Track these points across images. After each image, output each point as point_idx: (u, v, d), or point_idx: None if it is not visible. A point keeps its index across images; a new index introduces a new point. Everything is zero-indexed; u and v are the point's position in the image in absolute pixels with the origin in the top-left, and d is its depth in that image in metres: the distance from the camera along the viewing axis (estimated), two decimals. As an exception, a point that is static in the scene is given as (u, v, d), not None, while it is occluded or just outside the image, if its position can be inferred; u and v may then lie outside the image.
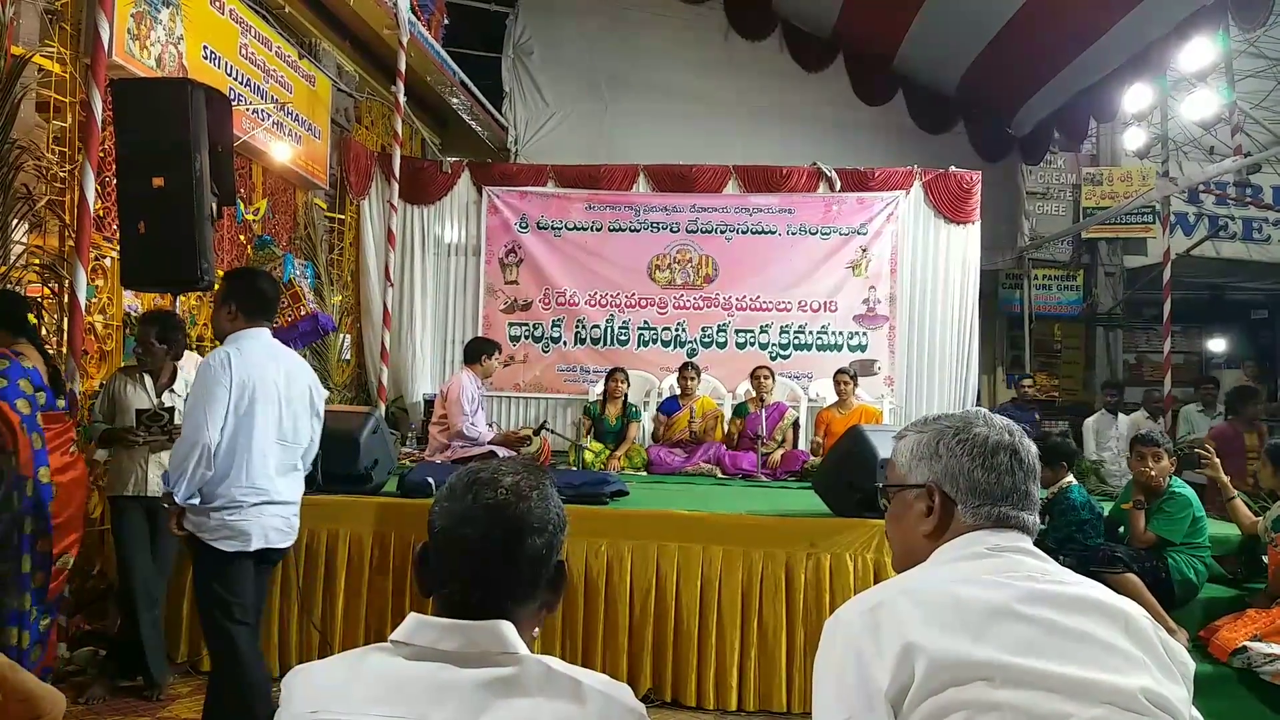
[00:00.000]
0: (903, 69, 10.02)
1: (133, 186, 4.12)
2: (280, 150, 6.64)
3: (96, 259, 4.87)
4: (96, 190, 4.20)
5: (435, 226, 8.70)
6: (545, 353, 8.55)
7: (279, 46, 6.71)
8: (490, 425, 6.37)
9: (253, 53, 6.34)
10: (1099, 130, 10.71)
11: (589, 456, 6.52)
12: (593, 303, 8.52)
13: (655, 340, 8.49)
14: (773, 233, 8.43)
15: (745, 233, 8.47)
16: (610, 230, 8.54)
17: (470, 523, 1.18)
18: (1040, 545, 1.34)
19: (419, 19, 7.70)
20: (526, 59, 10.24)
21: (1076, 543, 4.13)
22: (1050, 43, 8.32)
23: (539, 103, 10.24)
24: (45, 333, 4.61)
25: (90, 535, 4.69)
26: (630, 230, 8.54)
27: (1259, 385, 7.96)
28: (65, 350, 4.20)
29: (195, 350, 5.19)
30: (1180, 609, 3.97)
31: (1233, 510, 4.34)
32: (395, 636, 1.14)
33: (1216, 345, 12.25)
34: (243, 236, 6.49)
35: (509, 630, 1.13)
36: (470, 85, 9.08)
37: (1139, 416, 7.83)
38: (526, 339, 8.57)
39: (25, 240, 4.44)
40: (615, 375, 7.09)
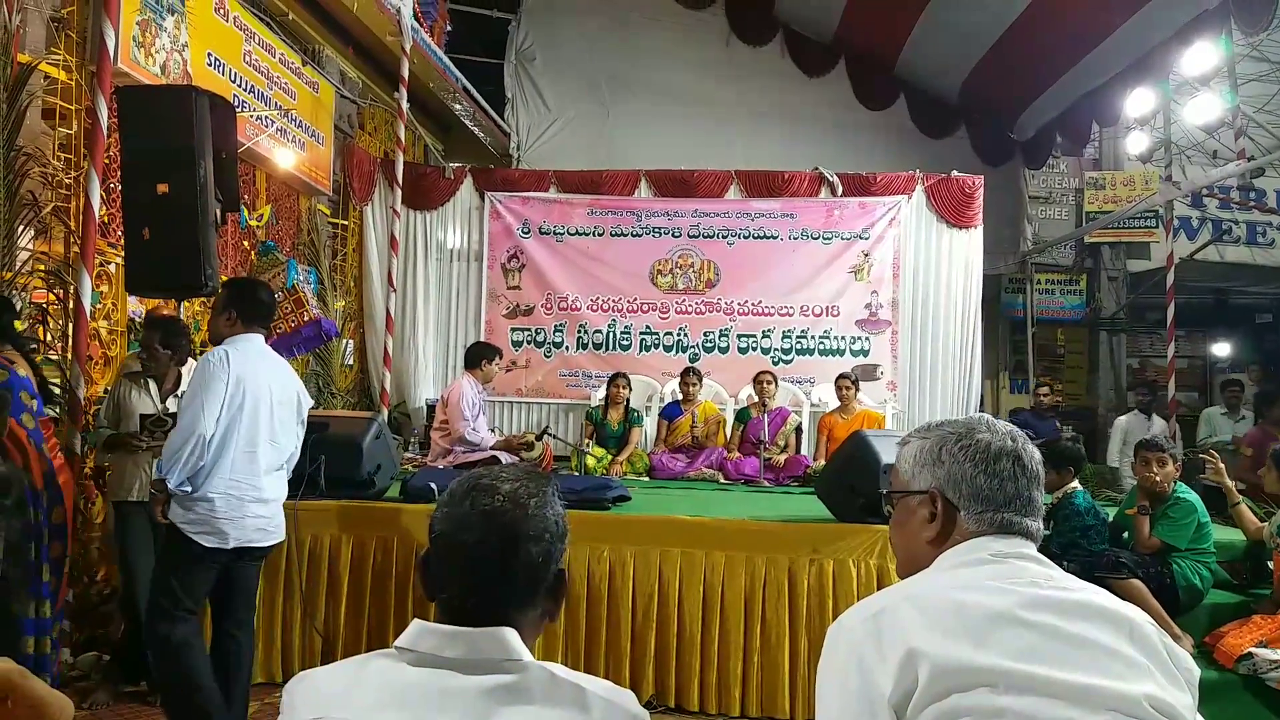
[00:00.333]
0: (904, 73, 10.03)
1: (137, 193, 4.13)
2: (284, 156, 6.65)
3: (101, 265, 4.89)
4: (101, 196, 4.21)
5: (438, 232, 8.72)
6: (547, 358, 8.56)
7: (283, 53, 6.73)
8: (493, 430, 6.37)
9: (257, 60, 6.36)
10: (1101, 134, 10.70)
11: (591, 462, 6.51)
12: (595, 308, 8.53)
13: (657, 345, 8.49)
14: (774, 237, 8.43)
15: (747, 237, 8.47)
16: (612, 235, 8.55)
17: (467, 529, 1.18)
18: (1044, 551, 1.34)
19: (422, 25, 7.72)
20: (529, 65, 10.26)
21: (1081, 548, 4.12)
22: (1052, 47, 8.32)
23: (541, 108, 10.25)
24: (50, 339, 4.63)
25: (94, 540, 4.71)
26: (632, 235, 8.54)
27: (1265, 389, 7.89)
28: (70, 356, 4.21)
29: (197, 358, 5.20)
30: (1185, 615, 3.96)
31: (1238, 516, 4.33)
32: (399, 643, 1.14)
33: (1220, 350, 12.23)
34: (247, 242, 6.51)
35: (513, 637, 1.13)
36: (473, 91, 9.09)
37: (1215, 411, 7.69)
38: (529, 344, 8.57)
39: (31, 246, 4.45)
40: (617, 381, 7.09)
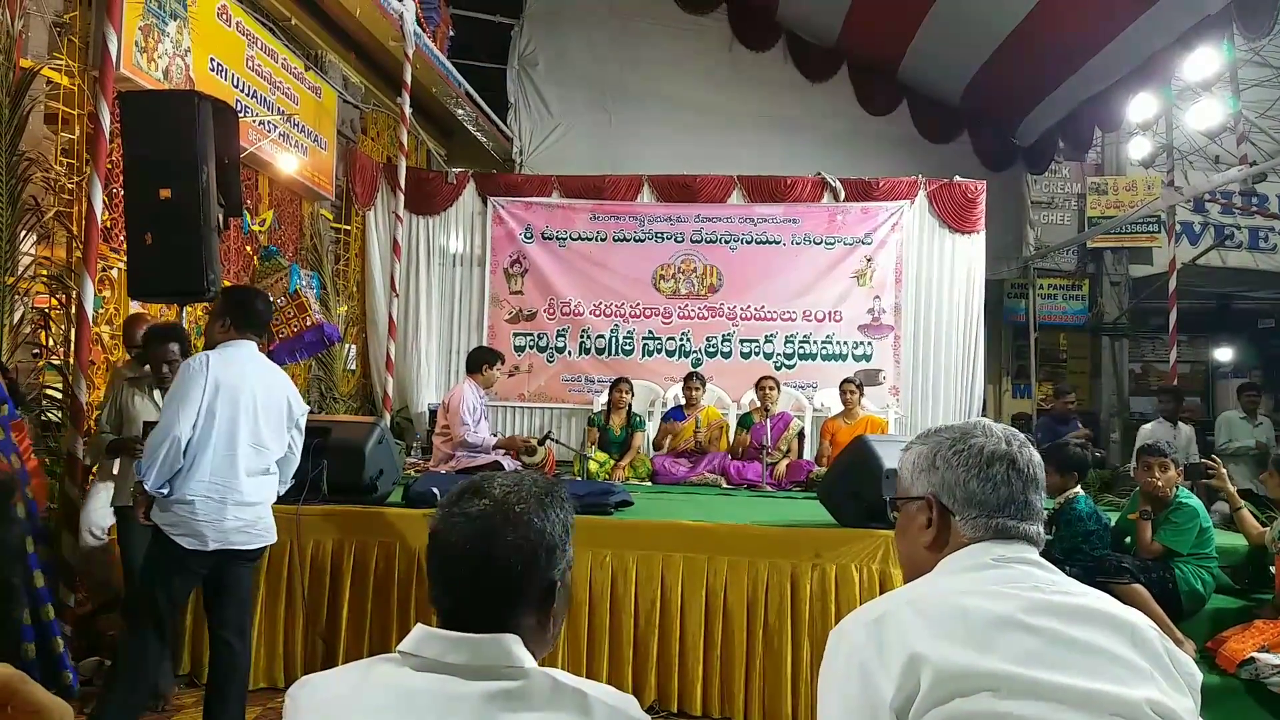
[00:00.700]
0: (907, 79, 10.04)
1: (140, 198, 4.14)
2: (286, 161, 6.67)
3: (104, 270, 4.90)
4: (104, 201, 4.22)
5: (440, 237, 8.73)
6: (550, 363, 8.56)
7: (285, 59, 6.75)
8: (494, 434, 6.37)
9: (259, 65, 6.38)
10: (1104, 139, 10.71)
11: (593, 466, 6.51)
12: (597, 313, 8.53)
13: (660, 350, 8.49)
14: (777, 243, 8.44)
15: (750, 242, 8.48)
16: (615, 240, 8.56)
17: (451, 530, 1.19)
18: (1046, 556, 1.33)
19: (424, 31, 7.74)
20: (531, 70, 10.27)
21: (1083, 553, 4.11)
22: (1054, 52, 8.32)
23: (544, 113, 10.27)
24: (52, 343, 4.63)
25: (97, 545, 4.70)
26: (635, 240, 8.55)
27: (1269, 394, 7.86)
28: (72, 361, 4.21)
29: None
30: (1187, 620, 3.95)
31: (1240, 521, 4.32)
32: (403, 648, 1.14)
33: (1223, 354, 12.21)
34: (249, 247, 6.52)
35: (515, 644, 1.13)
36: (475, 96, 9.11)
37: (1233, 415, 7.56)
38: (531, 349, 8.57)
39: (33, 251, 4.46)
40: (619, 386, 7.09)
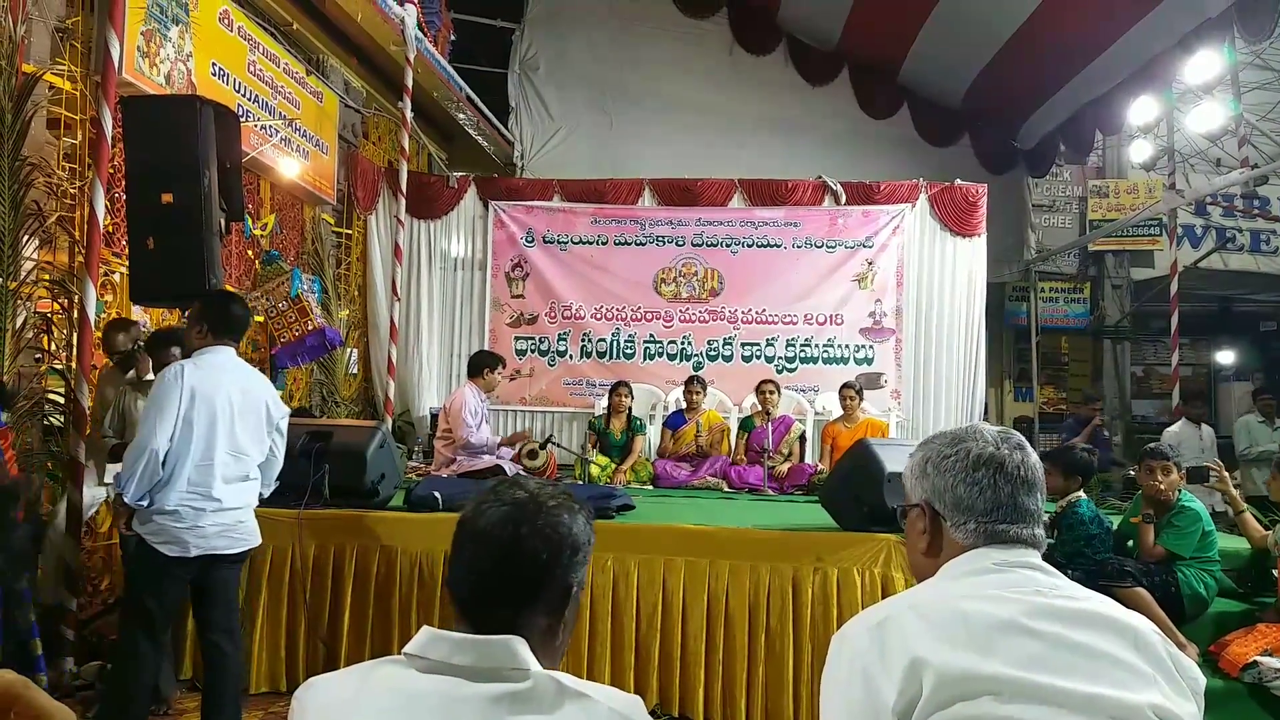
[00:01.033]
0: (908, 82, 10.04)
1: (142, 202, 4.15)
2: (288, 166, 6.67)
3: (106, 274, 4.91)
4: (106, 206, 4.22)
5: (442, 241, 8.74)
6: (551, 366, 8.56)
7: (287, 63, 6.76)
8: (496, 437, 6.37)
9: (261, 69, 6.39)
10: (1105, 143, 10.72)
11: (595, 470, 6.51)
12: (599, 316, 8.54)
13: (661, 354, 8.49)
14: (778, 246, 8.44)
15: (750, 246, 8.48)
16: (616, 244, 8.56)
17: (486, 515, 1.22)
18: (1049, 559, 1.34)
19: (425, 35, 7.75)
20: (532, 74, 10.28)
21: (1085, 557, 4.10)
22: (1056, 55, 8.33)
23: (545, 118, 10.27)
24: (54, 348, 4.64)
25: (98, 549, 4.71)
26: (636, 244, 8.56)
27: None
28: (75, 365, 4.22)
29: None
30: (1190, 623, 3.94)
31: (1243, 524, 4.31)
32: (408, 650, 1.14)
33: (1225, 357, 12.21)
34: (251, 251, 6.53)
35: (521, 646, 1.13)
36: (476, 101, 9.13)
37: (1251, 419, 7.43)
38: (532, 353, 8.58)
39: (36, 256, 4.47)
40: (618, 390, 7.08)
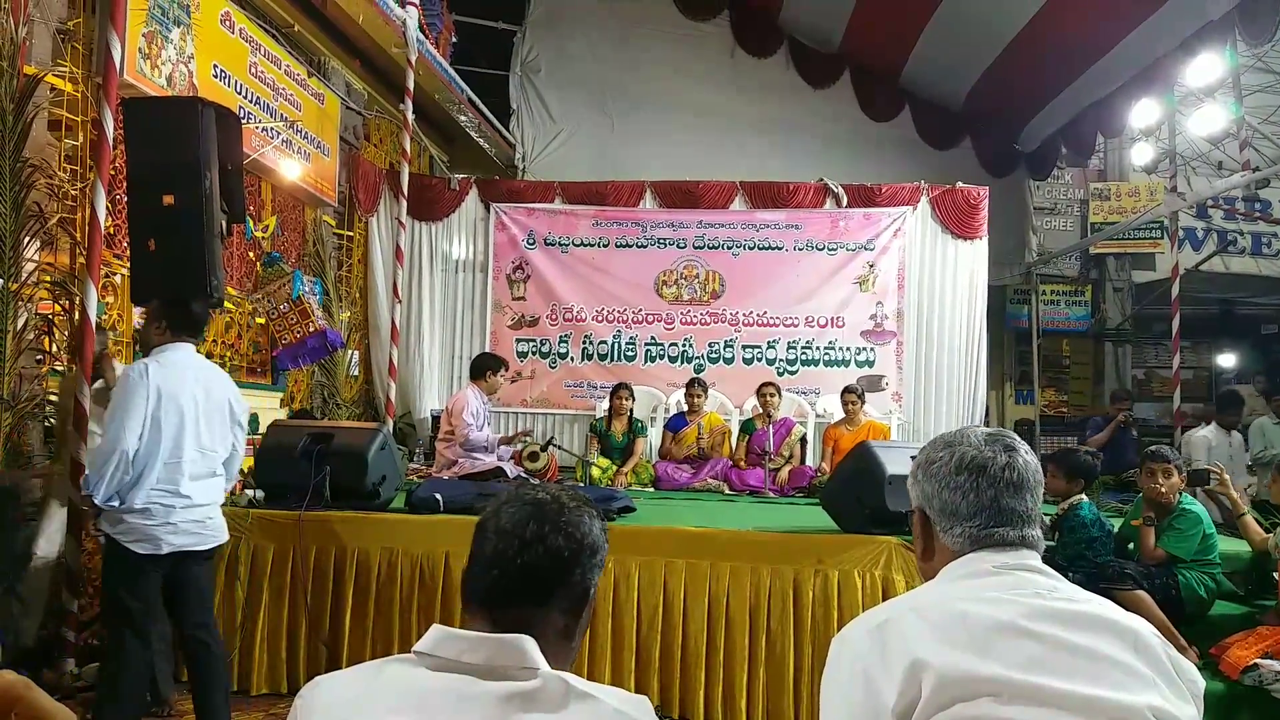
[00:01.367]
0: (909, 85, 10.05)
1: (143, 204, 4.14)
2: (289, 168, 6.68)
3: (107, 276, 4.91)
4: (107, 208, 4.22)
5: (443, 243, 8.74)
6: (552, 368, 8.56)
7: (288, 65, 6.77)
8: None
9: (262, 71, 6.40)
10: (1106, 145, 10.72)
11: (596, 473, 6.51)
12: (600, 318, 8.54)
13: (662, 356, 8.49)
14: (779, 248, 8.44)
15: (752, 248, 8.48)
16: (617, 246, 8.57)
17: (508, 514, 1.24)
18: (1050, 562, 1.34)
19: (427, 37, 7.75)
20: (534, 76, 10.29)
21: (1086, 560, 4.10)
22: (1057, 58, 8.33)
23: (546, 120, 10.27)
24: (55, 350, 4.64)
25: (98, 551, 4.70)
26: (637, 246, 8.56)
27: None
28: (76, 367, 4.22)
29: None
30: (1190, 626, 3.93)
31: (1243, 527, 4.31)
32: (418, 648, 1.14)
33: (1226, 360, 12.20)
34: (252, 253, 6.54)
35: (531, 646, 1.13)
36: (478, 103, 9.13)
37: (1266, 421, 7.28)
38: (534, 355, 8.58)
39: (37, 258, 4.47)
40: (619, 392, 7.07)
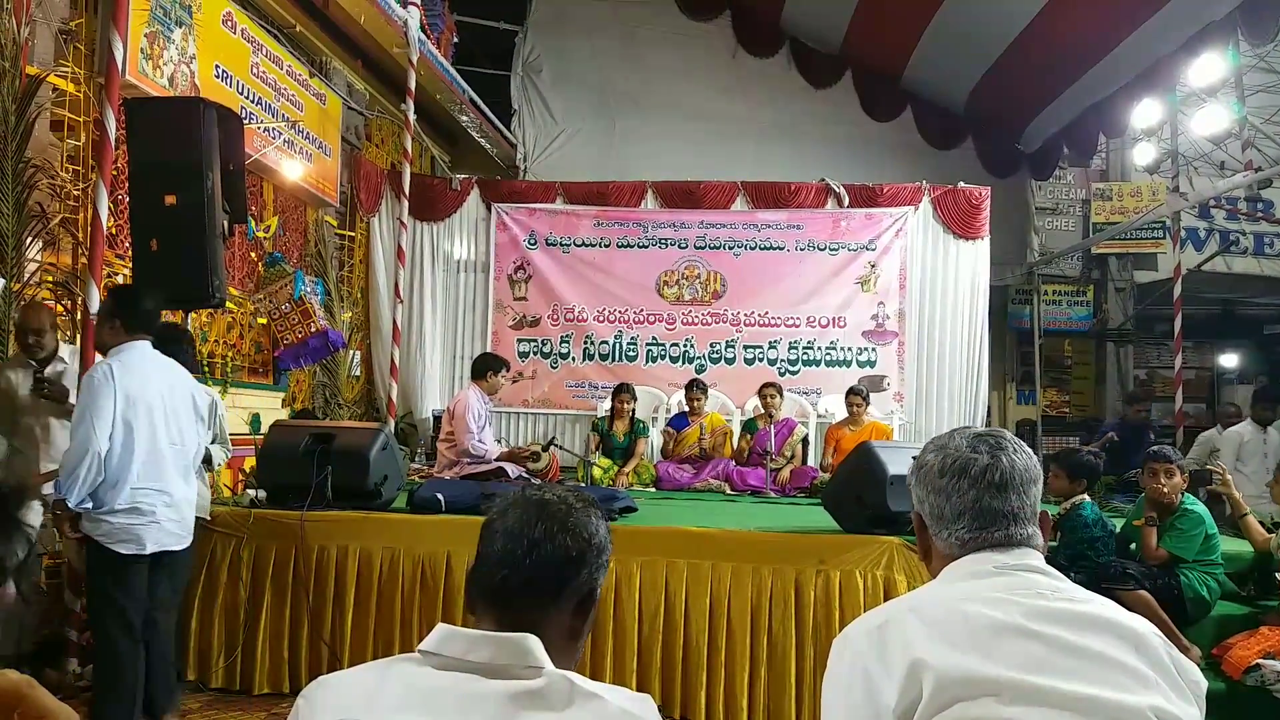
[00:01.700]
0: (911, 85, 10.03)
1: (145, 204, 4.16)
2: (291, 168, 6.68)
3: (109, 276, 4.91)
4: (109, 208, 4.22)
5: (445, 243, 8.75)
6: (554, 369, 8.56)
7: (290, 65, 6.77)
8: (499, 441, 6.37)
9: (264, 72, 6.40)
10: (1108, 145, 10.69)
11: (597, 473, 6.51)
12: (601, 319, 8.54)
13: (664, 356, 8.49)
14: (781, 249, 8.44)
15: (753, 249, 8.47)
16: (619, 246, 8.57)
17: (515, 514, 1.24)
18: (1052, 562, 1.34)
19: (429, 37, 7.76)
20: (535, 77, 10.29)
21: (1088, 559, 4.10)
22: (1059, 58, 8.31)
23: (548, 120, 10.27)
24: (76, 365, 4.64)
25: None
26: (638, 246, 8.56)
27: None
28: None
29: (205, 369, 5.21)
30: (1192, 626, 3.93)
31: (1245, 527, 4.30)
32: (424, 646, 1.14)
33: (1228, 361, 12.19)
34: (254, 254, 6.54)
35: (536, 645, 1.14)
36: (479, 103, 9.13)
37: (1215, 434, 7.11)
38: (535, 355, 8.58)
39: (39, 258, 4.48)
40: (621, 395, 7.04)
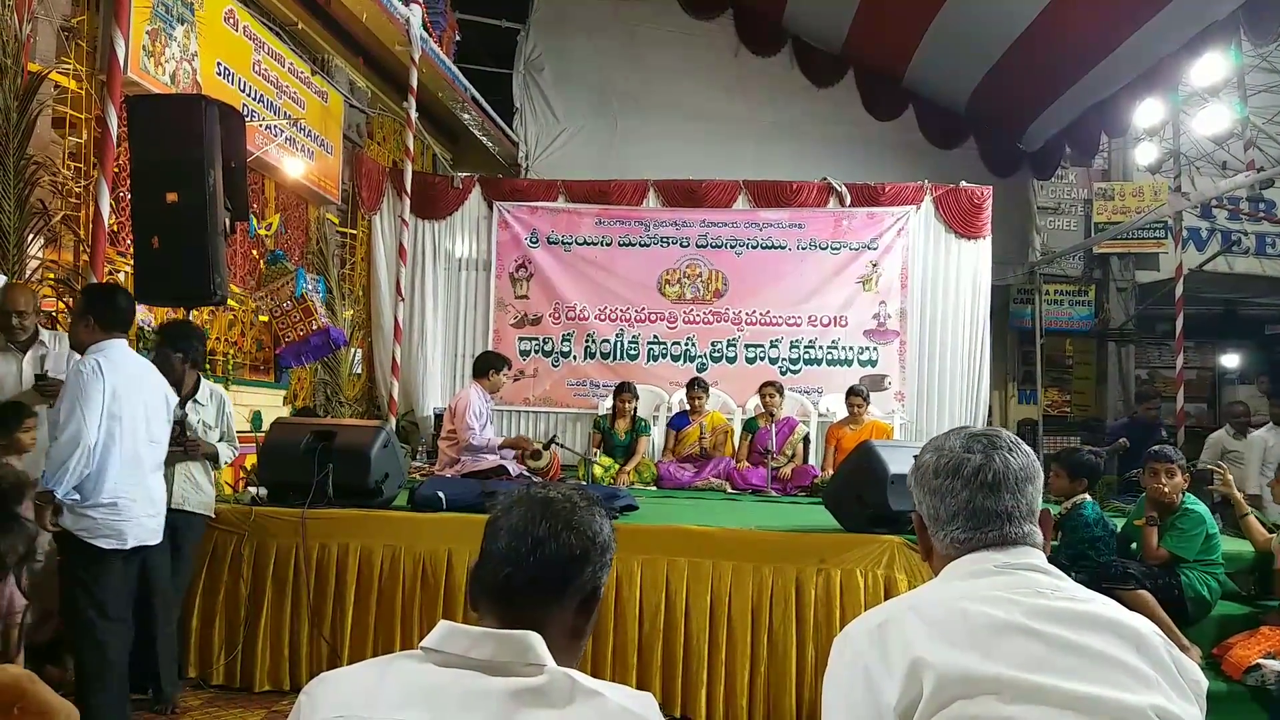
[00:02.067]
0: (913, 84, 10.03)
1: (147, 201, 4.17)
2: (293, 166, 6.69)
3: (111, 273, 4.90)
4: (111, 205, 4.23)
5: (446, 241, 8.74)
6: (555, 367, 8.56)
7: (292, 63, 6.77)
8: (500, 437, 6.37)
9: (266, 69, 6.40)
10: (1110, 145, 10.68)
11: (598, 471, 6.50)
12: (603, 317, 8.53)
13: (665, 355, 8.49)
14: (783, 248, 8.43)
15: (755, 247, 8.47)
16: (620, 245, 8.56)
17: (519, 512, 1.24)
18: (1053, 561, 1.34)
19: (431, 35, 7.75)
20: (537, 75, 10.28)
21: (1090, 559, 4.10)
22: (1061, 58, 8.31)
23: (549, 118, 10.27)
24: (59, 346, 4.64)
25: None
26: (640, 245, 8.56)
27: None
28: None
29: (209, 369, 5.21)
30: (1193, 626, 3.93)
31: (1246, 527, 4.31)
32: (426, 643, 1.14)
33: (1230, 361, 12.18)
34: (255, 251, 6.54)
35: (538, 642, 1.14)
36: (481, 101, 9.13)
37: (1224, 434, 7.14)
38: (536, 353, 8.58)
39: (41, 255, 4.48)
40: (622, 394, 7.01)
